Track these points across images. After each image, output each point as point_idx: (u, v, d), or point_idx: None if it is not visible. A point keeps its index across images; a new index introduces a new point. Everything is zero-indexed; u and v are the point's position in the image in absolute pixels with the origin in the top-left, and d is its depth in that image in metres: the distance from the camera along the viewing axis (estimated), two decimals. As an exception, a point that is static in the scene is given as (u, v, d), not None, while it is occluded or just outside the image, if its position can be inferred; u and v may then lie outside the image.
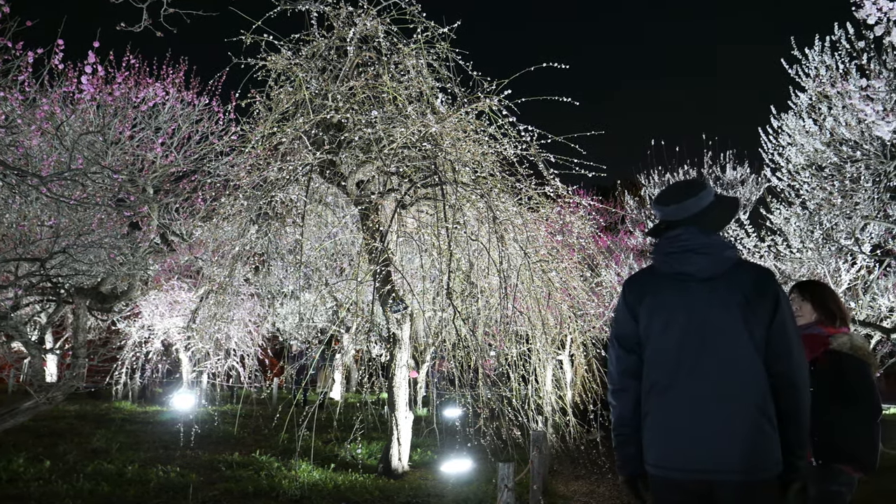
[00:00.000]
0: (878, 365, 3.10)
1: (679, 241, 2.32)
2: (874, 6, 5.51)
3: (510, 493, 3.98)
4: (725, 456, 2.13)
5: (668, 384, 2.25)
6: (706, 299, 2.25)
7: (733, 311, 2.22)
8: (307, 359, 15.75)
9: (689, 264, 2.29)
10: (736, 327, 2.21)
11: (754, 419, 2.15)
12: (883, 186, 9.16)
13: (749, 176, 18.83)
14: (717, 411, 2.16)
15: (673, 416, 2.22)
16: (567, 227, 8.24)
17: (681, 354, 2.24)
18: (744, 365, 2.19)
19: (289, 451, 7.76)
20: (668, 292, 2.32)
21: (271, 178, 6.97)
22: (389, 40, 7.01)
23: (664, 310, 2.30)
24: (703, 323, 2.24)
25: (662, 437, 2.23)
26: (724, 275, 2.27)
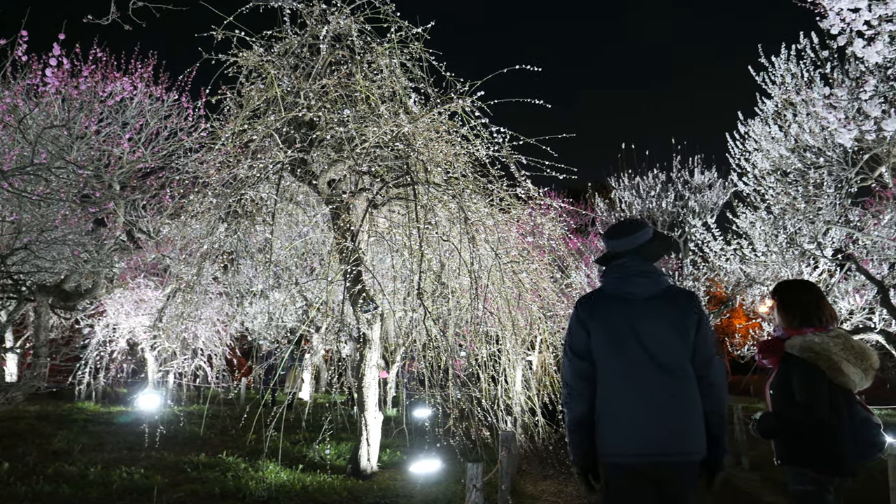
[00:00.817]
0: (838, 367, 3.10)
1: (625, 267, 2.83)
2: (837, 17, 5.64)
3: (478, 493, 3.99)
4: (670, 443, 2.60)
5: (618, 386, 2.69)
6: (647, 315, 2.73)
7: (668, 325, 2.71)
8: (276, 359, 15.60)
9: (634, 286, 2.79)
10: (671, 338, 2.70)
11: (689, 412, 2.64)
12: (844, 192, 9.40)
13: (717, 180, 19.16)
14: (661, 407, 2.62)
15: (624, 413, 2.66)
16: (538, 229, 8.29)
17: (627, 361, 2.70)
18: (678, 369, 2.67)
19: (256, 451, 7.68)
20: (616, 309, 2.78)
21: (241, 176, 6.89)
22: (363, 39, 6.99)
23: (612, 323, 2.76)
24: (645, 334, 2.71)
25: (617, 431, 2.66)
26: (661, 295, 2.78)
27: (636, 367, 2.68)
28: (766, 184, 10.81)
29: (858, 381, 3.16)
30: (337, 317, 7.76)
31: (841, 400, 3.14)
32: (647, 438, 2.60)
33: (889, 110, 5.68)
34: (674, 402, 2.63)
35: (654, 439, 2.60)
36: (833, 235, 11.84)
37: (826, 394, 3.13)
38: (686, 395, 2.65)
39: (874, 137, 7.07)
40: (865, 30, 5.63)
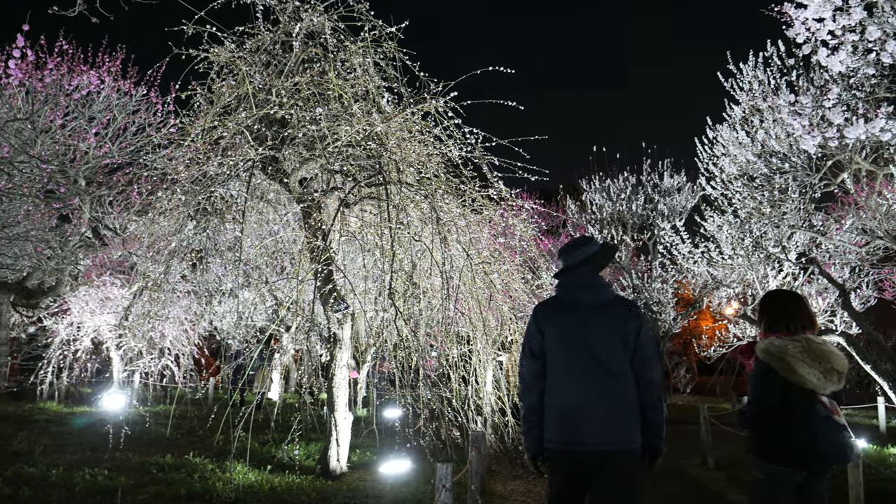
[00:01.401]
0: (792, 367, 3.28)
1: (576, 277, 3.24)
2: (803, 26, 5.77)
3: (448, 494, 3.99)
4: (606, 433, 2.95)
5: (565, 383, 3.07)
6: (593, 321, 3.10)
7: (611, 330, 3.07)
8: (245, 358, 15.44)
9: (582, 295, 3.18)
10: (613, 341, 3.05)
11: (625, 407, 2.99)
12: (808, 198, 9.62)
13: (685, 184, 19.46)
14: (599, 402, 2.98)
15: (567, 406, 3.03)
16: (509, 230, 8.33)
17: (575, 360, 3.07)
18: (618, 368, 3.03)
19: (224, 452, 7.59)
20: (567, 315, 3.16)
21: (211, 173, 6.80)
22: (336, 37, 6.95)
23: (563, 327, 3.13)
24: (591, 338, 3.06)
25: (559, 422, 3.03)
26: (606, 304, 3.15)
27: (580, 365, 3.06)
28: (734, 188, 11.02)
29: (817, 382, 3.30)
30: (307, 316, 7.71)
31: (798, 399, 3.32)
32: (585, 429, 2.97)
33: (851, 118, 5.82)
34: (611, 398, 3.00)
35: (591, 430, 2.97)
36: (797, 239, 12.11)
37: (776, 392, 3.36)
38: (623, 391, 3.02)
39: (837, 144, 7.24)
40: (829, 39, 5.77)
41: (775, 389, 3.37)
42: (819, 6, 5.57)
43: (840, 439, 3.30)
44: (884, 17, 5.32)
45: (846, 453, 3.32)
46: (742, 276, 13.07)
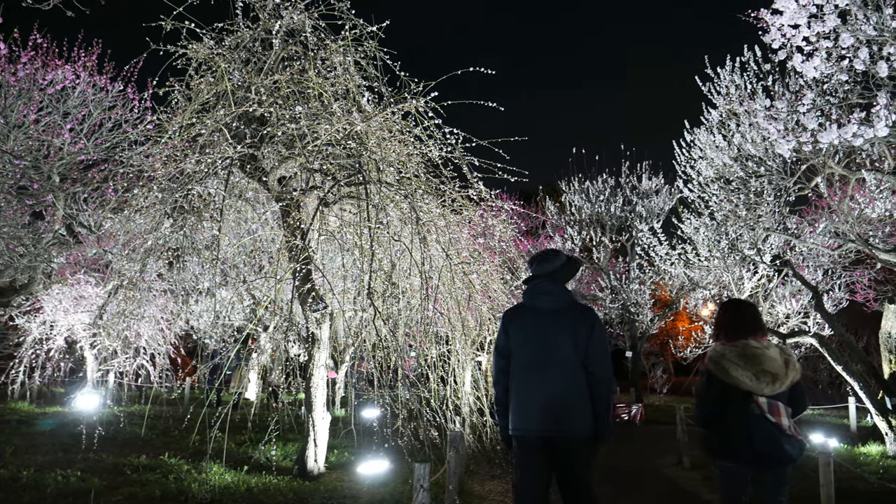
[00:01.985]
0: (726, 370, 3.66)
1: (539, 287, 3.73)
2: (778, 32, 5.86)
3: (426, 494, 3.99)
4: (558, 421, 3.47)
5: (525, 377, 3.58)
6: (551, 324, 3.61)
7: (566, 332, 3.56)
8: (222, 358, 15.30)
9: (542, 301, 3.68)
10: (567, 342, 3.55)
11: (575, 399, 3.49)
12: (783, 201, 9.76)
13: (663, 186, 19.65)
14: (553, 394, 3.49)
15: (526, 398, 3.55)
16: (489, 231, 8.35)
17: (534, 358, 3.59)
18: (571, 365, 3.53)
19: (200, 453, 7.52)
20: (528, 318, 3.69)
21: (188, 171, 6.73)
22: (317, 35, 6.92)
23: (525, 330, 3.66)
24: (548, 339, 3.58)
25: (519, 411, 3.56)
26: (564, 309, 3.64)
27: (538, 362, 3.57)
28: (710, 191, 11.15)
29: (750, 383, 3.62)
30: (285, 316, 7.66)
31: (735, 399, 3.63)
32: (540, 417, 3.49)
33: (825, 123, 5.92)
34: (563, 391, 3.51)
35: (545, 418, 3.48)
36: (772, 242, 12.28)
37: (712, 394, 3.73)
38: (574, 385, 3.51)
39: (811, 149, 7.36)
40: (804, 45, 5.87)
41: (716, 391, 3.71)
42: (794, 13, 5.66)
43: (771, 438, 3.55)
44: (857, 24, 5.42)
45: (780, 451, 3.55)
46: (718, 278, 13.24)
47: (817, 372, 27.96)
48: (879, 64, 5.51)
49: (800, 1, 5.58)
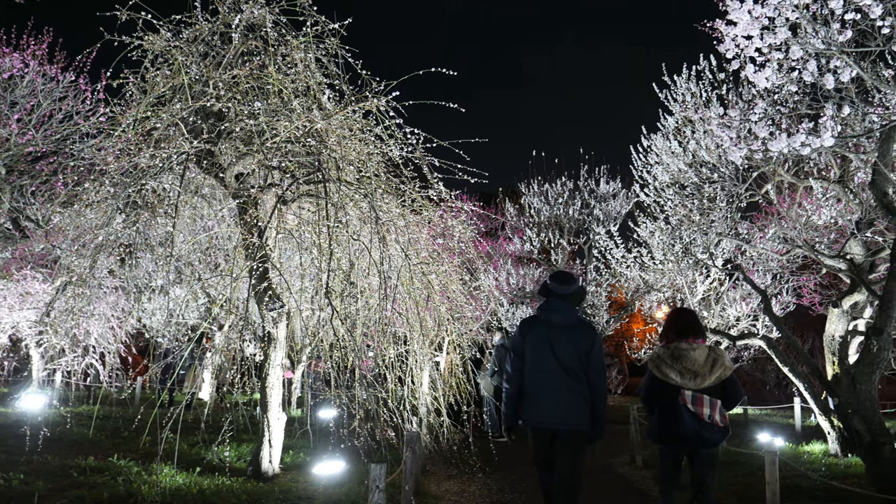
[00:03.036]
0: (659, 368, 4.65)
1: (555, 305, 4.57)
2: (733, 42, 6.02)
3: (381, 494, 3.99)
4: (565, 417, 4.35)
5: (538, 379, 4.45)
6: (560, 337, 4.46)
7: (573, 344, 4.43)
8: (175, 357, 14.97)
9: (555, 318, 4.52)
10: (573, 353, 4.41)
11: (579, 401, 4.37)
12: (735, 207, 10.02)
13: (620, 190, 19.97)
14: (563, 395, 4.37)
15: (540, 396, 4.43)
16: (448, 231, 8.37)
17: (545, 364, 4.44)
18: (576, 372, 4.39)
19: (150, 454, 7.35)
20: (542, 330, 4.52)
21: (143, 165, 6.57)
22: (277, 31, 6.83)
23: (539, 339, 4.50)
24: (557, 348, 4.43)
25: (535, 407, 4.45)
26: (572, 326, 4.49)
27: (550, 368, 4.41)
28: (666, 196, 11.39)
29: (677, 379, 4.49)
30: (241, 315, 7.55)
31: (667, 392, 4.52)
32: (552, 413, 4.38)
33: (775, 132, 6.11)
34: (570, 393, 4.37)
35: (556, 414, 4.37)
36: (724, 246, 12.60)
37: (651, 388, 4.66)
38: (578, 389, 4.38)
39: (762, 157, 7.58)
40: (757, 56, 6.04)
41: (654, 386, 4.63)
42: (748, 24, 5.82)
43: (692, 425, 4.39)
44: (806, 38, 5.61)
45: (698, 437, 4.40)
46: (672, 281, 13.53)
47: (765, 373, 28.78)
48: (826, 76, 5.71)
49: (753, 13, 5.74)
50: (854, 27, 5.51)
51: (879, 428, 6.69)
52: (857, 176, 9.02)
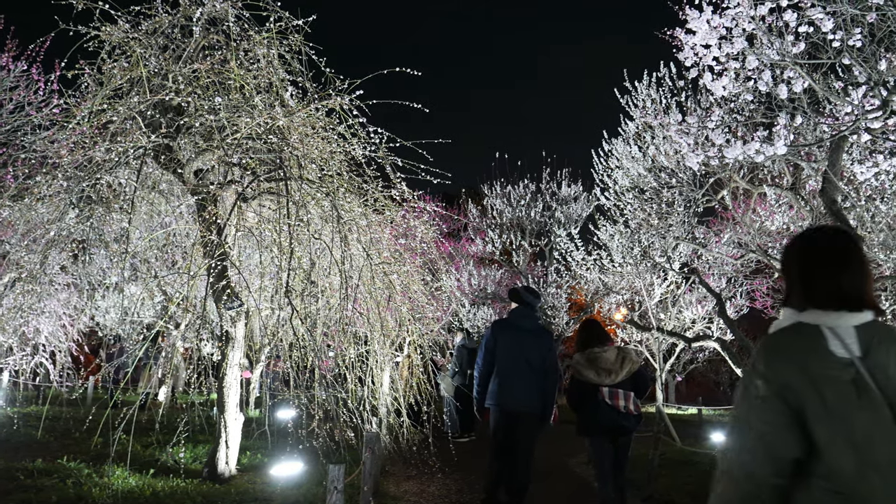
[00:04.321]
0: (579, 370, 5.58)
1: (525, 312, 5.80)
2: (691, 51, 6.15)
3: (339, 495, 3.96)
4: (527, 401, 5.48)
5: (506, 371, 5.55)
6: (525, 337, 5.65)
7: (537, 344, 5.63)
8: (129, 356, 14.62)
9: (523, 322, 5.74)
10: (535, 351, 5.59)
11: (537, 389, 5.52)
12: (692, 211, 10.24)
13: (581, 194, 20.21)
14: (526, 384, 5.51)
15: (507, 384, 5.52)
16: (411, 231, 8.36)
17: (513, 359, 5.56)
18: (536, 366, 5.55)
19: (102, 456, 7.16)
20: (511, 331, 5.69)
21: (98, 159, 6.40)
22: (240, 25, 6.73)
23: (509, 339, 5.63)
24: (524, 347, 5.58)
25: (503, 392, 5.51)
26: (534, 329, 5.75)
27: (517, 362, 5.54)
28: (626, 199, 11.57)
29: (594, 378, 5.24)
30: (199, 313, 7.42)
31: (588, 391, 5.25)
32: (516, 397, 5.48)
33: (731, 139, 6.26)
34: (531, 383, 5.52)
35: (519, 399, 5.48)
36: (681, 250, 12.86)
37: (575, 389, 5.41)
38: (537, 380, 5.54)
39: (718, 163, 7.76)
40: (715, 65, 6.18)
41: (577, 387, 5.39)
42: (706, 33, 5.95)
43: (610, 416, 5.10)
44: (761, 48, 5.76)
45: (617, 425, 5.12)
46: (630, 284, 13.75)
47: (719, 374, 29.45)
48: (780, 86, 5.87)
49: (711, 23, 5.88)
50: (807, 40, 5.68)
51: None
52: (808, 184, 9.30)
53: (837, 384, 1.66)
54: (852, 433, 1.62)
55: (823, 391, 1.67)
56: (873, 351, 1.70)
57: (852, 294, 1.78)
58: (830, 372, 1.68)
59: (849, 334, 1.72)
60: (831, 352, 1.71)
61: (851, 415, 1.64)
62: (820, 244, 1.92)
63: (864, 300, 1.78)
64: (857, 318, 1.75)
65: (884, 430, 1.62)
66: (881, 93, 5.48)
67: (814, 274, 1.86)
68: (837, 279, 1.81)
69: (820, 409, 1.66)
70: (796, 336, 1.80)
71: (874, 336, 1.73)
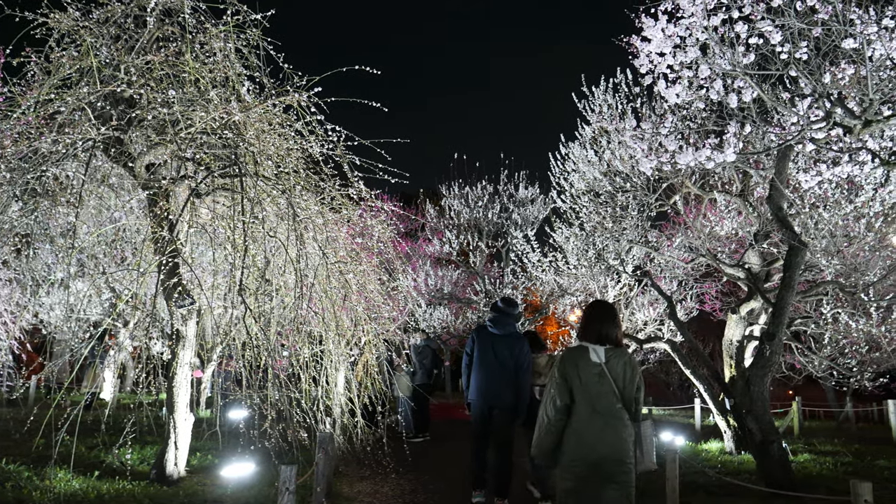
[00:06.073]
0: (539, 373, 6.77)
1: (502, 320, 6.43)
2: (647, 58, 6.28)
3: (291, 496, 3.92)
4: (501, 397, 6.24)
5: (484, 370, 6.30)
6: (500, 342, 6.36)
7: (511, 347, 6.33)
8: (74, 355, 14.17)
9: (501, 329, 6.40)
10: (509, 353, 6.30)
11: (511, 386, 6.25)
12: (645, 215, 10.45)
13: (538, 196, 20.43)
14: (501, 382, 6.25)
15: (485, 382, 6.27)
16: (368, 231, 8.32)
17: (489, 360, 6.32)
18: (509, 366, 6.28)
19: (44, 458, 6.92)
20: (487, 336, 6.41)
21: (44, 151, 6.18)
22: (196, 18, 6.59)
23: (486, 343, 6.37)
24: (498, 350, 6.31)
25: (480, 389, 6.28)
26: (509, 334, 6.41)
27: (492, 363, 6.28)
28: (581, 203, 11.74)
29: (538, 380, 6.68)
30: (148, 311, 7.24)
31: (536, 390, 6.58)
32: (491, 394, 6.24)
33: (683, 146, 6.41)
34: (505, 381, 6.24)
35: (494, 395, 6.23)
36: (634, 253, 13.10)
37: None
38: (511, 378, 6.25)
39: (670, 169, 7.94)
40: (669, 73, 6.33)
41: None
42: (661, 42, 6.09)
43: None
44: (714, 58, 5.92)
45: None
46: (585, 286, 13.95)
47: (669, 375, 30.10)
48: (731, 96, 6.05)
49: (666, 31, 6.02)
50: (757, 51, 5.86)
51: (769, 427, 7.13)
52: (756, 190, 9.60)
53: (590, 373, 3.64)
54: (592, 396, 3.60)
55: (582, 375, 3.64)
56: (611, 360, 3.66)
57: (603, 336, 3.75)
58: (589, 368, 3.65)
59: (600, 352, 3.69)
60: (591, 359, 3.67)
61: (594, 387, 3.61)
62: (592, 309, 3.92)
63: (610, 338, 3.73)
64: (604, 346, 3.73)
65: (605, 395, 3.59)
66: (825, 104, 5.69)
67: (587, 323, 3.83)
68: (597, 327, 3.77)
69: (579, 383, 3.64)
70: (577, 350, 3.76)
71: (612, 354, 3.69)
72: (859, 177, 7.92)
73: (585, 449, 3.46)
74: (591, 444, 3.45)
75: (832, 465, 8.84)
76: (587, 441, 3.46)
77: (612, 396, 3.53)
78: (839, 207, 8.79)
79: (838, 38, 5.47)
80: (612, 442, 3.44)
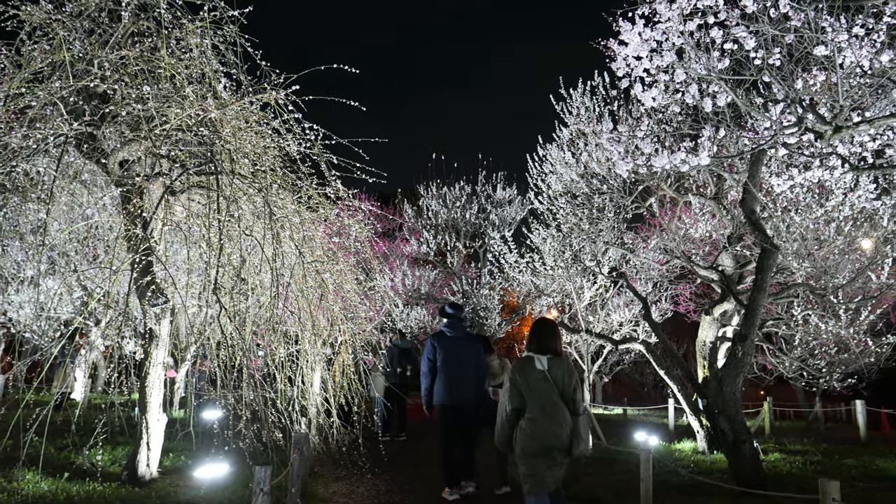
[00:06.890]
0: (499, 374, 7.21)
1: (455, 324, 7.06)
2: (624, 62, 6.34)
3: (265, 497, 3.89)
4: (465, 396, 6.76)
5: (448, 373, 6.79)
6: (459, 344, 6.95)
7: (470, 349, 6.96)
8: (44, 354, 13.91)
9: (457, 332, 7.03)
10: (468, 354, 6.91)
11: (472, 384, 6.82)
12: (622, 217, 10.55)
13: (516, 197, 20.52)
14: (462, 381, 6.78)
15: (450, 384, 6.76)
16: (345, 230, 8.28)
17: (450, 362, 6.83)
18: (472, 366, 6.88)
19: (12, 459, 6.78)
20: (446, 339, 6.95)
21: (14, 146, 6.05)
22: (172, 13, 6.51)
23: (447, 346, 6.89)
24: (458, 351, 6.90)
25: (444, 391, 6.75)
26: (466, 336, 7.09)
27: (454, 364, 6.78)
28: (558, 204, 11.82)
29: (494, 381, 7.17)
30: (121, 310, 7.14)
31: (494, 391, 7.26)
32: (455, 394, 6.70)
33: (659, 149, 6.48)
34: (467, 380, 6.77)
35: (457, 394, 6.70)
36: (610, 255, 13.23)
37: None
38: (471, 377, 6.79)
39: (646, 171, 8.03)
40: (645, 77, 6.40)
41: None
42: (638, 45, 6.15)
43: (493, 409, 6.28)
44: (689, 62, 5.99)
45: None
46: (561, 287, 14.04)
47: (644, 375, 30.39)
48: (706, 100, 6.13)
49: (643, 35, 6.08)
50: (732, 56, 5.95)
51: (741, 427, 7.24)
52: (730, 194, 9.74)
53: (536, 378, 4.40)
54: (539, 397, 4.36)
55: (529, 381, 4.41)
56: (552, 368, 4.43)
57: (544, 347, 4.53)
58: (535, 374, 4.42)
59: (544, 361, 4.46)
60: (536, 367, 4.44)
61: (540, 390, 4.37)
62: (536, 325, 4.67)
63: (551, 349, 4.52)
64: (546, 356, 4.49)
65: (549, 395, 4.35)
66: (797, 110, 5.79)
67: (532, 338, 4.62)
68: (540, 341, 4.56)
69: (527, 388, 4.40)
70: (525, 360, 4.52)
71: (553, 362, 4.45)
72: (830, 181, 8.08)
73: (536, 440, 4.33)
74: (540, 436, 4.32)
75: (802, 464, 9.00)
76: (537, 434, 4.33)
77: (555, 396, 4.37)
78: (810, 211, 8.96)
79: (810, 45, 5.57)
80: (556, 433, 4.30)
